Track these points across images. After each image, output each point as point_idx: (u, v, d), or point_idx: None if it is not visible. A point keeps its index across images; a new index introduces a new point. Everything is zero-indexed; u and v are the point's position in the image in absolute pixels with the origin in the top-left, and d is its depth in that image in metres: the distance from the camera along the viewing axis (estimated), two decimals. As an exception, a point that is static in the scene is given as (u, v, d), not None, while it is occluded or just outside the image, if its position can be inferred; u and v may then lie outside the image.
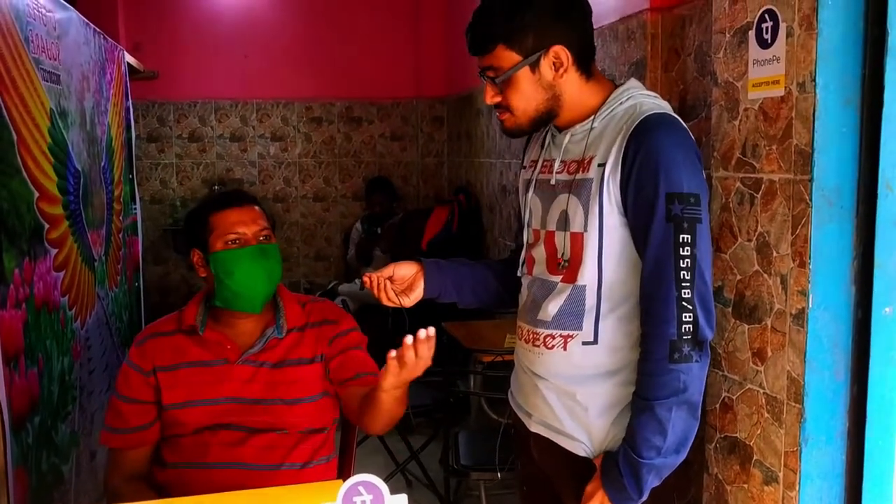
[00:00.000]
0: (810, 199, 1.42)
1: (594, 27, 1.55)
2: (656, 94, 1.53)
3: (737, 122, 1.62)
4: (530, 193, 1.63)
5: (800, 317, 1.46)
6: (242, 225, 1.77)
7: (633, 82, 1.54)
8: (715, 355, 1.72)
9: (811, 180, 1.41)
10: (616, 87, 1.54)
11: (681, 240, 1.37)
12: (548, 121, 1.55)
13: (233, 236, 1.75)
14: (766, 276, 1.55)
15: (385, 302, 1.66)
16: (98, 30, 2.85)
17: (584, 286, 1.48)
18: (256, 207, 1.82)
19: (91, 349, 2.51)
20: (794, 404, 1.48)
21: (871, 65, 1.38)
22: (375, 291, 1.65)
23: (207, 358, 1.79)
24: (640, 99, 1.48)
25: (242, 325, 1.80)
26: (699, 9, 1.99)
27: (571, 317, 1.51)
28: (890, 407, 1.44)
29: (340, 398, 1.86)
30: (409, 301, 1.68)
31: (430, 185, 5.96)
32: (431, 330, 1.47)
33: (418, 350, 1.47)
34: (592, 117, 1.50)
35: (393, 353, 1.49)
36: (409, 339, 1.46)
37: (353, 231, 5.44)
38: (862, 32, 1.39)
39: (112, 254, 2.88)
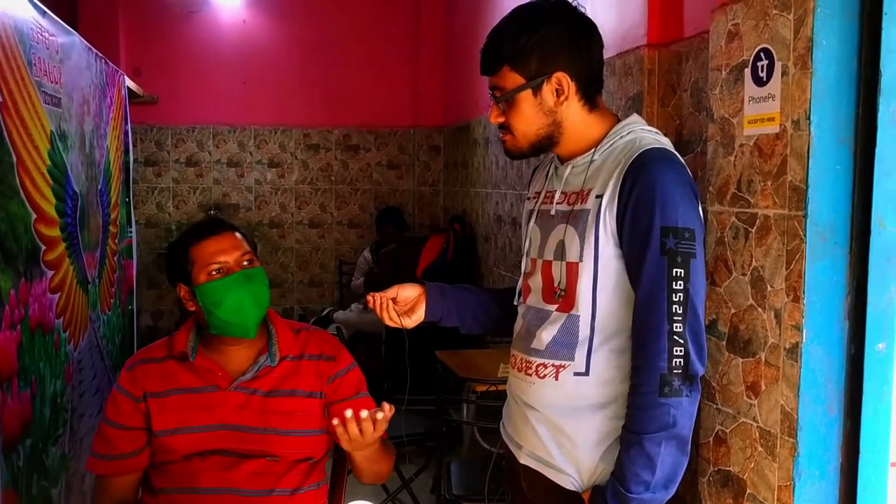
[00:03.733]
0: (804, 235, 1.43)
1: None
2: (657, 130, 1.54)
3: (732, 158, 1.64)
4: (531, 223, 1.64)
5: (793, 351, 1.46)
6: (223, 253, 1.75)
7: (635, 117, 1.56)
8: (709, 388, 1.72)
9: (805, 216, 1.43)
10: (619, 121, 1.56)
11: (674, 274, 1.38)
12: (548, 146, 1.56)
13: (215, 266, 1.74)
14: (760, 310, 1.56)
15: (387, 322, 1.68)
16: (99, 54, 2.87)
17: (578, 316, 1.49)
18: (236, 233, 1.81)
19: (83, 372, 2.49)
20: (787, 438, 1.48)
21: (864, 104, 1.41)
22: (378, 311, 1.67)
23: (198, 384, 1.78)
24: (641, 134, 1.50)
25: (234, 352, 1.80)
26: (696, 46, 2.02)
27: (564, 347, 1.51)
28: (883, 442, 1.44)
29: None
30: (410, 322, 1.70)
31: (425, 213, 5.98)
32: (386, 410, 1.58)
33: (362, 426, 1.57)
34: (593, 150, 1.52)
35: (336, 420, 1.57)
36: (349, 412, 1.56)
37: (361, 259, 5.43)
38: (855, 73, 1.41)
39: (106, 276, 2.87)
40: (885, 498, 1.46)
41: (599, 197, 1.46)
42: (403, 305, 1.69)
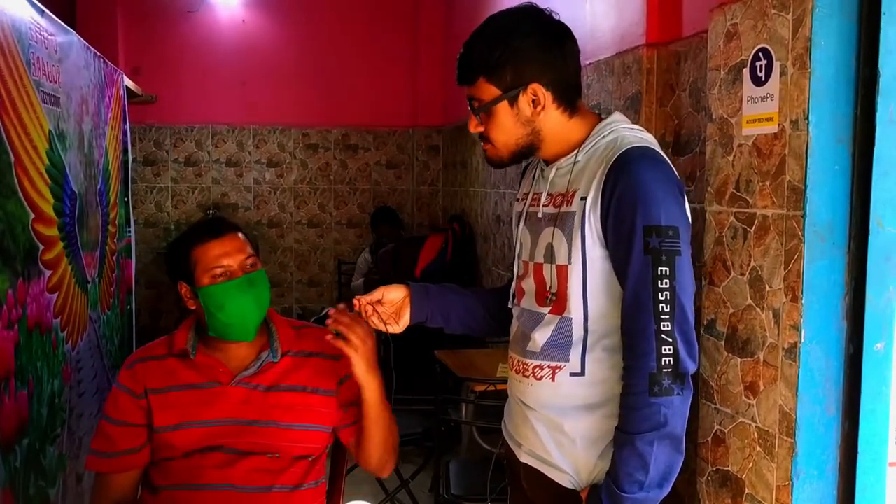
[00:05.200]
0: (803, 235, 1.43)
1: (591, 61, 1.57)
2: (640, 128, 1.53)
3: (731, 158, 1.64)
4: (521, 226, 1.64)
5: (792, 351, 1.47)
6: (227, 257, 1.75)
7: (617, 115, 1.55)
8: (707, 388, 1.72)
9: (804, 216, 1.43)
10: (601, 120, 1.55)
11: (659, 272, 1.37)
12: (529, 154, 1.56)
13: (219, 270, 1.74)
14: (758, 309, 1.56)
15: (373, 326, 1.67)
16: (98, 54, 2.87)
17: (571, 318, 1.49)
18: (239, 234, 1.80)
19: (82, 371, 2.49)
20: (785, 438, 1.48)
21: (862, 104, 1.41)
22: (364, 315, 1.67)
23: (199, 380, 1.78)
24: (622, 132, 1.49)
25: (235, 350, 1.80)
26: (694, 45, 2.02)
27: (559, 348, 1.51)
28: (881, 442, 1.44)
29: (341, 436, 1.88)
30: (398, 328, 1.69)
31: (424, 213, 5.98)
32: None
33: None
34: (576, 151, 1.52)
35: (328, 336, 1.65)
36: (331, 310, 1.65)
37: (361, 260, 5.43)
38: (854, 73, 1.42)
39: (105, 276, 2.87)
40: (884, 497, 1.46)
41: (584, 199, 1.45)
42: (390, 307, 1.69)
